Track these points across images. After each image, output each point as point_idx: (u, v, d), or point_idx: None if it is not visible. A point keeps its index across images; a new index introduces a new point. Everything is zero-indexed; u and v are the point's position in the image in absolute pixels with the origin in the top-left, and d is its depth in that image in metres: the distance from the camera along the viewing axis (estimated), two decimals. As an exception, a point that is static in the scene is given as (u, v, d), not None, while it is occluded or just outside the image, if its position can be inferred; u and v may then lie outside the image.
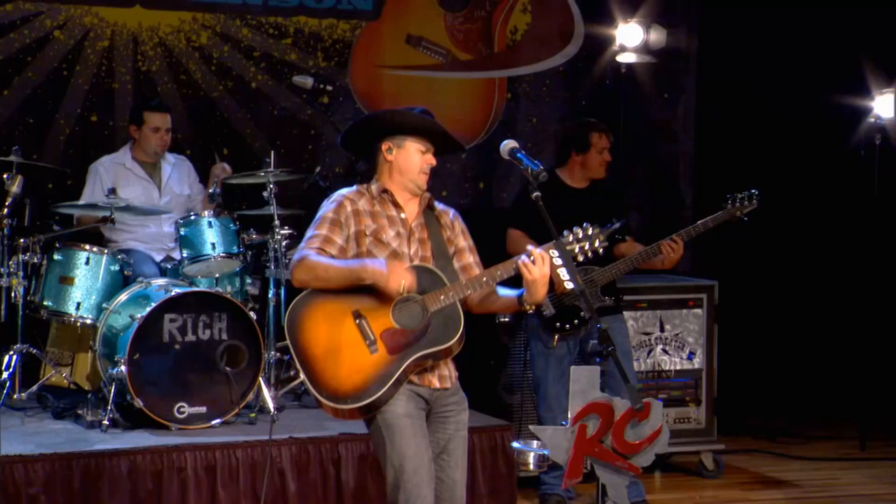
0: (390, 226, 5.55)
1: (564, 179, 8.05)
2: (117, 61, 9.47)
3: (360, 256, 5.49)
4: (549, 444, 4.74)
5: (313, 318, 5.43)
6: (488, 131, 10.30)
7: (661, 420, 4.77)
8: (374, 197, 5.60)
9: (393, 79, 10.09)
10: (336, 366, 5.38)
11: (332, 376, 5.37)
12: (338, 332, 5.40)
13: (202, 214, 8.06)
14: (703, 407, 8.95)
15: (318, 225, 5.54)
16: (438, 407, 5.55)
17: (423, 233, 5.63)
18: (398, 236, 5.55)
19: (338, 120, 9.87)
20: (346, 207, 5.55)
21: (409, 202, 5.65)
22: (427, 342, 5.39)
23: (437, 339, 5.39)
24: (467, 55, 10.25)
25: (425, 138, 5.62)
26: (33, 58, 9.28)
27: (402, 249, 5.54)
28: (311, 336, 5.42)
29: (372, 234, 5.51)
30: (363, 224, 5.53)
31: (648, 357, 8.81)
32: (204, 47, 9.65)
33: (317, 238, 5.49)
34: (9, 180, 7.75)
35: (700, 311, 8.94)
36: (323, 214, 5.57)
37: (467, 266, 5.67)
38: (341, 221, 5.52)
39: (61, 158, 9.24)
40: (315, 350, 5.41)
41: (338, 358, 5.38)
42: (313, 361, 5.40)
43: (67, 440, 7.25)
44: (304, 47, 9.86)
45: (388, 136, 5.62)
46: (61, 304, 7.88)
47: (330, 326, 5.41)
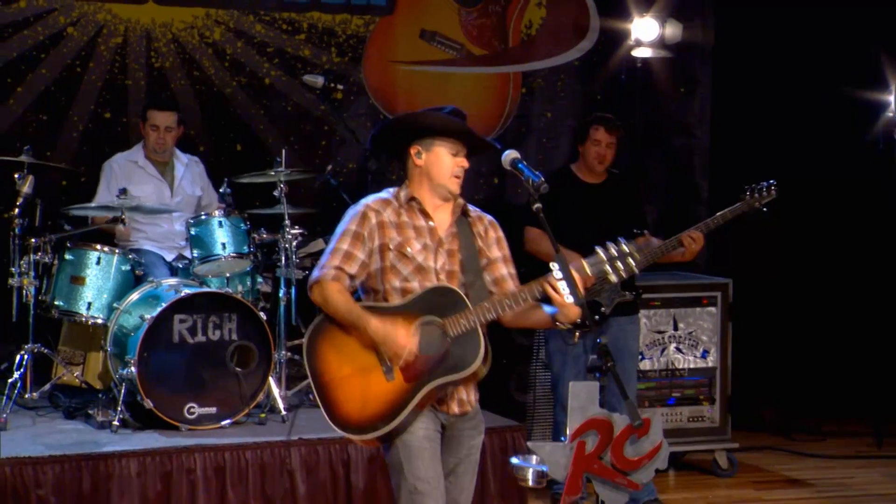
0: (417, 237, 5.31)
1: (577, 174, 8.01)
2: (131, 58, 9.46)
3: (383, 271, 5.28)
4: (548, 460, 4.71)
5: (330, 341, 5.28)
6: (503, 126, 10.26)
7: (661, 436, 4.74)
8: (401, 205, 5.35)
9: (407, 74, 10.06)
10: (351, 392, 5.22)
11: (347, 404, 5.22)
12: (355, 356, 5.23)
13: (213, 214, 8.04)
14: (716, 405, 8.91)
15: (341, 238, 5.32)
16: (454, 430, 5.39)
17: (453, 243, 5.38)
18: (424, 249, 5.31)
19: (351, 116, 9.88)
20: (370, 219, 5.30)
21: (439, 209, 5.40)
22: (445, 370, 5.18)
23: (456, 367, 5.18)
24: (482, 50, 10.21)
25: (455, 139, 5.38)
26: (47, 54, 9.28)
27: (427, 263, 5.30)
28: (327, 360, 5.27)
29: (396, 248, 5.28)
30: (387, 237, 5.29)
31: (662, 355, 8.77)
32: (217, 43, 9.63)
33: (337, 255, 5.28)
34: (20, 180, 7.74)
35: (714, 310, 8.90)
36: (346, 227, 5.33)
37: (500, 279, 5.43)
38: (364, 235, 5.28)
39: (75, 155, 9.25)
40: (330, 375, 5.25)
41: (353, 384, 5.22)
42: (328, 387, 5.25)
43: (77, 441, 7.26)
44: (317, 43, 9.83)
45: (415, 139, 5.37)
46: (72, 303, 7.88)
47: (347, 351, 5.24)
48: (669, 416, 8.77)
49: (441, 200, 5.38)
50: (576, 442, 4.52)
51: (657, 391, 8.77)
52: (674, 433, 8.76)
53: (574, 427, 4.45)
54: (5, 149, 8.88)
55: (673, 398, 8.79)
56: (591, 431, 4.47)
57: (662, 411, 8.76)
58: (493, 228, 5.52)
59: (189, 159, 8.76)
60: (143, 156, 8.59)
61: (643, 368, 8.67)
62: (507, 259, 5.50)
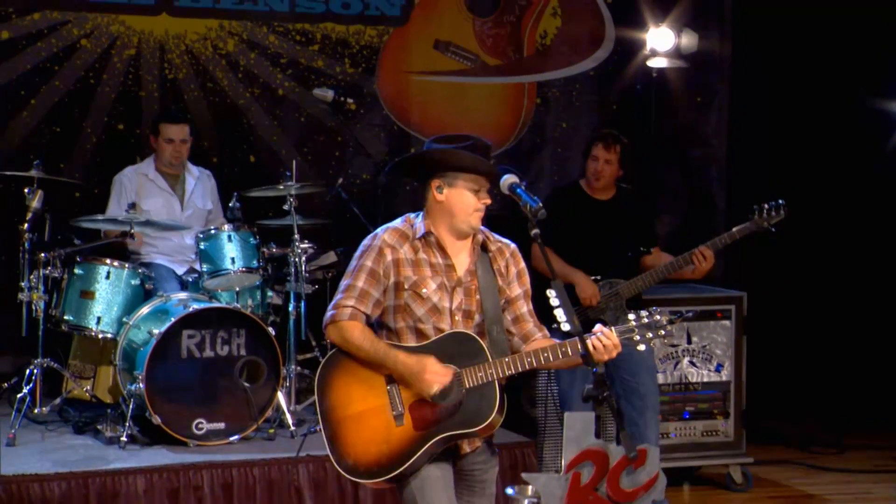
0: (433, 276, 5.16)
1: (586, 190, 7.96)
2: (144, 69, 9.46)
3: (396, 309, 5.15)
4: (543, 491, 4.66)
5: (343, 378, 5.16)
6: (517, 137, 10.22)
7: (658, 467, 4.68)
8: (417, 238, 5.19)
9: (421, 84, 10.03)
10: (357, 433, 5.10)
11: (354, 447, 5.11)
12: (366, 395, 5.11)
13: (222, 228, 8.02)
14: (731, 420, 8.83)
15: (356, 275, 5.17)
16: (467, 465, 5.26)
17: (471, 282, 5.21)
18: (440, 288, 5.15)
19: (365, 127, 9.86)
20: (385, 257, 5.15)
21: (457, 244, 5.24)
22: (456, 422, 5.04)
23: (468, 421, 5.04)
24: (496, 60, 10.17)
25: (479, 176, 5.21)
26: (60, 66, 9.29)
27: (442, 304, 5.15)
28: (337, 397, 5.15)
29: (411, 288, 5.13)
30: (402, 275, 5.14)
31: (675, 369, 8.70)
32: (231, 54, 9.62)
33: (352, 293, 5.13)
34: (29, 195, 7.73)
35: (728, 323, 8.82)
36: (361, 263, 5.17)
37: (520, 318, 5.28)
38: (379, 273, 5.14)
39: (88, 167, 9.26)
40: (339, 413, 5.13)
41: (360, 425, 5.10)
42: (336, 425, 5.13)
43: (85, 457, 7.25)
44: (331, 53, 9.81)
45: (438, 171, 5.19)
46: (82, 318, 7.87)
47: (359, 389, 5.12)
48: (683, 430, 8.71)
49: (460, 237, 5.24)
50: (571, 473, 4.46)
51: (671, 405, 8.69)
52: (688, 447, 8.70)
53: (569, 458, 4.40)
54: (19, 161, 8.92)
55: (687, 412, 8.72)
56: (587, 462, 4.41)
57: (676, 425, 8.70)
58: (514, 262, 5.36)
59: (201, 172, 8.73)
60: (154, 169, 8.57)
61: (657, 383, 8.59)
62: (527, 295, 5.36)
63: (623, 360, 7.75)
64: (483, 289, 5.19)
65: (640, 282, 7.71)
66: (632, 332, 5.08)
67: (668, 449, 8.63)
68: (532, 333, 5.29)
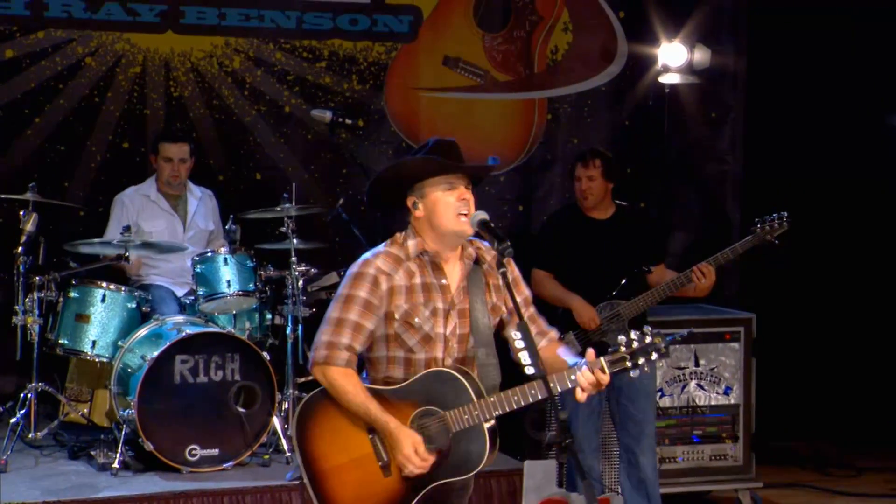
0: (426, 301, 4.91)
1: (585, 211, 7.82)
2: (149, 87, 9.39)
3: (387, 338, 4.92)
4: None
5: (323, 426, 4.92)
6: (528, 153, 10.09)
7: (620, 516, 4.52)
8: (411, 260, 4.94)
9: (430, 101, 9.91)
10: (343, 487, 4.88)
11: (340, 499, 4.89)
12: (349, 446, 4.88)
13: (218, 251, 7.94)
14: (740, 443, 8.68)
15: (347, 306, 4.89)
16: (443, 491, 5.01)
17: (464, 301, 4.97)
18: (433, 315, 4.91)
19: (373, 144, 9.76)
20: (380, 286, 4.89)
21: (451, 259, 5.00)
22: (447, 470, 4.84)
23: (459, 468, 4.84)
24: (506, 76, 10.04)
25: (449, 173, 4.93)
26: (65, 85, 9.22)
27: (435, 331, 4.91)
28: (318, 447, 4.92)
29: (402, 318, 4.89)
30: (394, 304, 4.90)
31: (682, 392, 8.56)
32: (237, 72, 9.54)
33: (345, 328, 4.87)
34: (24, 217, 7.68)
35: (737, 345, 8.67)
36: (354, 293, 4.89)
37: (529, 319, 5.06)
38: (375, 305, 4.88)
39: (92, 186, 9.19)
40: (322, 464, 4.90)
41: (346, 478, 4.88)
42: (320, 478, 4.90)
43: (75, 485, 7.18)
44: (338, 70, 9.71)
45: (408, 189, 4.96)
46: (77, 342, 7.81)
47: (341, 438, 4.89)
48: (691, 454, 8.57)
49: (452, 249, 5.00)
50: (530, 522, 4.33)
51: (678, 429, 8.56)
52: (696, 472, 8.58)
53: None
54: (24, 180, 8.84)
55: (695, 436, 8.57)
56: (547, 513, 4.29)
57: (684, 449, 8.56)
58: (510, 270, 5.05)
59: (203, 193, 8.66)
60: (156, 189, 8.51)
61: (663, 405, 8.47)
62: (526, 302, 5.12)
63: (623, 385, 7.70)
64: (473, 308, 4.96)
65: (641, 302, 7.56)
66: (623, 360, 4.85)
67: (676, 473, 8.52)
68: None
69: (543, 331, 5.16)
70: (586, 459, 7.77)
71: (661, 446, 8.47)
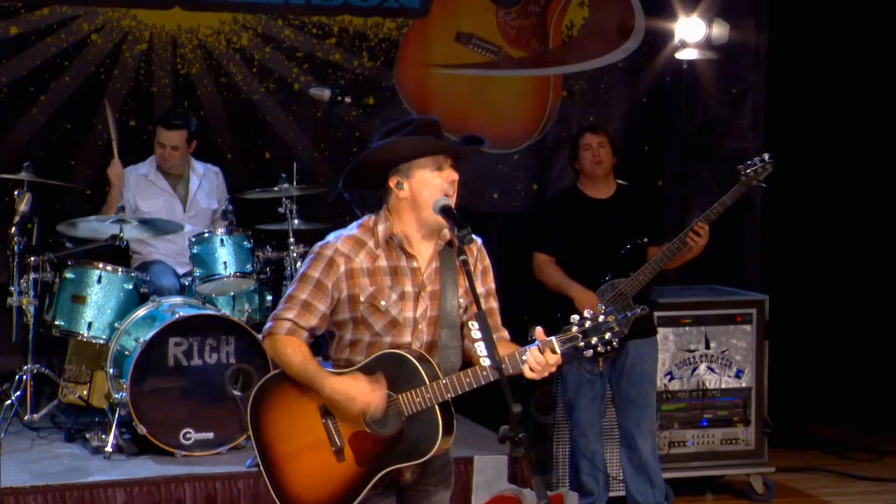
0: (394, 284, 4.76)
1: (584, 191, 7.67)
2: (156, 64, 9.28)
3: (354, 322, 4.77)
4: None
5: (277, 410, 4.83)
6: (542, 131, 9.91)
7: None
8: (378, 244, 4.79)
9: (442, 78, 9.75)
10: (298, 474, 4.78)
11: (295, 486, 4.79)
12: (302, 430, 4.78)
13: (215, 232, 7.83)
14: (752, 427, 8.50)
15: (300, 286, 4.79)
16: (416, 486, 4.90)
17: (435, 282, 4.82)
18: (402, 298, 4.76)
19: (383, 122, 9.59)
20: (337, 267, 4.75)
21: (422, 242, 4.83)
22: (400, 454, 4.71)
23: (411, 453, 4.70)
24: (520, 52, 9.85)
25: (437, 153, 4.77)
26: (70, 62, 9.11)
27: (403, 315, 4.77)
28: (273, 433, 4.82)
29: (367, 300, 4.74)
30: (358, 287, 4.75)
31: (692, 376, 8.39)
32: (245, 49, 9.41)
33: (293, 306, 4.78)
34: (18, 197, 7.60)
35: (749, 328, 8.48)
36: (308, 272, 4.79)
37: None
38: (328, 286, 4.75)
39: (99, 164, 9.07)
40: (276, 450, 4.81)
41: (301, 464, 4.78)
42: (275, 464, 4.81)
43: (66, 469, 7.10)
44: (348, 47, 9.56)
45: (391, 168, 4.79)
46: (73, 323, 7.72)
47: (294, 422, 4.79)
48: (701, 438, 8.41)
49: (431, 233, 4.83)
50: (482, 519, 4.18)
51: (688, 412, 8.39)
52: (706, 456, 8.42)
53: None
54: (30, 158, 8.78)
55: (705, 419, 8.40)
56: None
57: (693, 433, 8.39)
58: (480, 259, 4.94)
59: (206, 170, 8.54)
60: (155, 168, 8.41)
61: (672, 389, 8.32)
62: (489, 293, 4.96)
63: (624, 369, 7.59)
64: (443, 288, 4.82)
65: (641, 276, 7.41)
66: (575, 340, 4.67)
67: (685, 458, 8.39)
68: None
69: (497, 327, 4.98)
70: (590, 444, 7.65)
71: (670, 430, 8.33)
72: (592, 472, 7.67)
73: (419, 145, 4.75)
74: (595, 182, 7.66)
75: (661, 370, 8.22)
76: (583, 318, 4.67)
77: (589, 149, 7.62)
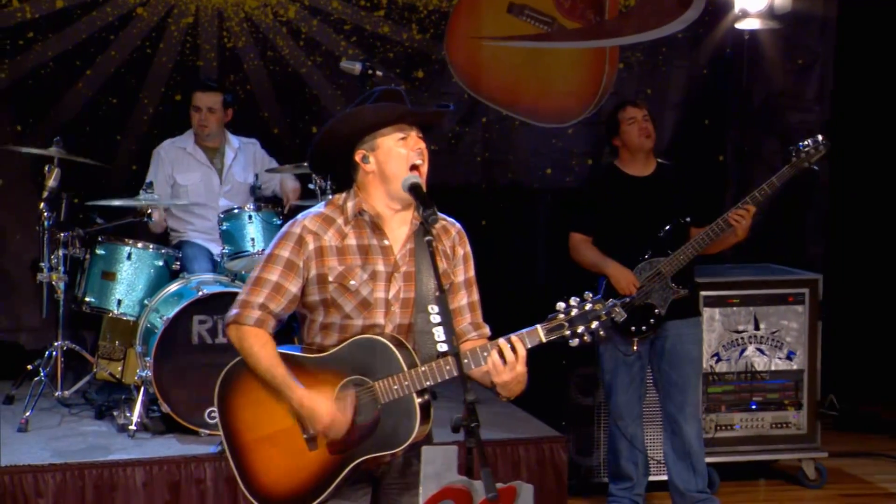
0: (364, 263, 4.54)
1: (623, 169, 7.42)
2: (202, 38, 9.18)
3: (324, 304, 4.54)
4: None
5: (247, 395, 4.60)
6: (598, 104, 9.64)
7: (531, 503, 4.13)
8: (347, 222, 4.58)
9: (493, 50, 9.53)
10: (268, 462, 4.57)
11: (265, 475, 4.59)
12: (273, 417, 4.55)
13: (244, 208, 7.72)
14: (803, 411, 8.21)
15: (268, 265, 4.56)
16: (398, 478, 4.67)
17: (409, 263, 4.58)
18: (373, 278, 4.54)
19: (433, 96, 9.44)
20: (307, 245, 4.53)
21: (395, 220, 4.60)
22: (374, 444, 4.48)
23: (386, 442, 4.48)
24: (575, 23, 9.60)
25: (401, 122, 4.55)
26: (116, 36, 9.05)
27: (374, 296, 4.54)
28: (241, 418, 4.61)
29: (336, 280, 4.52)
30: (327, 266, 4.53)
31: (740, 357, 8.12)
32: (292, 21, 9.27)
33: (263, 287, 4.54)
34: (47, 173, 7.54)
35: (801, 308, 8.18)
36: (276, 252, 4.56)
37: (456, 311, 4.66)
38: (298, 265, 4.53)
39: (144, 138, 9.02)
40: (245, 437, 4.59)
41: (270, 451, 4.56)
42: (243, 451, 4.60)
43: (88, 447, 7.04)
44: (397, 19, 9.38)
45: (357, 142, 4.57)
46: (103, 300, 7.65)
47: (264, 409, 4.56)
48: (750, 421, 8.14)
49: (403, 207, 4.59)
50: (432, 513, 3.98)
51: (736, 395, 8.13)
52: (755, 440, 8.16)
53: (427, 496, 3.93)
54: (75, 132, 8.78)
55: (754, 402, 8.13)
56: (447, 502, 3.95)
57: (742, 416, 8.13)
58: (461, 244, 4.71)
59: (241, 143, 8.42)
60: (193, 141, 8.31)
61: (719, 370, 8.06)
62: (469, 283, 4.73)
63: (664, 351, 7.34)
64: (419, 270, 4.58)
65: (681, 255, 7.16)
66: (561, 329, 4.42)
67: (733, 441, 8.15)
68: (464, 333, 4.69)
69: (479, 323, 4.77)
70: (628, 427, 7.43)
71: (717, 413, 8.09)
72: (631, 456, 7.44)
73: (378, 112, 4.55)
74: (636, 159, 7.40)
75: (707, 351, 7.98)
76: (569, 305, 4.44)
77: (634, 122, 7.36)
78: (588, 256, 7.30)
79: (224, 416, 4.69)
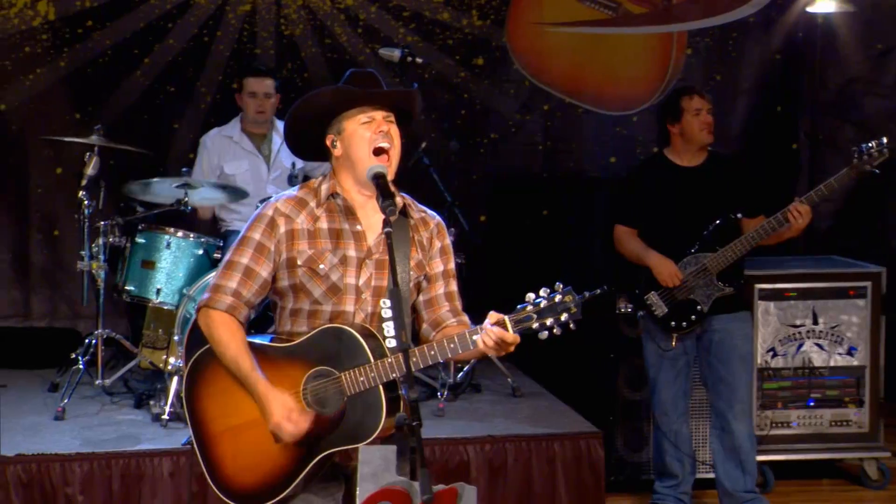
0: (335, 248, 4.46)
1: (672, 159, 7.16)
2: (259, 26, 9.15)
3: (294, 289, 4.48)
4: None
5: (214, 384, 4.52)
6: (664, 91, 9.39)
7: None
8: (320, 204, 4.51)
9: (556, 36, 9.36)
10: (234, 454, 4.48)
11: (230, 467, 4.50)
12: (239, 408, 4.45)
13: (278, 195, 7.62)
14: (865, 409, 7.90)
15: (240, 249, 4.50)
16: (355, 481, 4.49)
17: (383, 252, 4.47)
18: (343, 263, 4.46)
19: (493, 83, 9.29)
20: (278, 227, 4.48)
21: (369, 206, 4.50)
22: (340, 436, 4.35)
23: (352, 435, 4.33)
24: (641, 8, 9.38)
25: (365, 105, 4.47)
26: (174, 24, 9.06)
27: (344, 282, 4.46)
28: (208, 408, 4.52)
29: (305, 264, 4.46)
30: (296, 249, 4.47)
31: (797, 353, 7.84)
32: (350, 9, 9.19)
33: (234, 272, 4.48)
34: (87, 160, 7.51)
35: (863, 302, 7.87)
36: (248, 234, 4.50)
37: (433, 300, 4.59)
38: (270, 249, 4.48)
39: (202, 127, 8.99)
40: (210, 428, 4.51)
41: (236, 443, 4.47)
42: (209, 443, 4.52)
43: (120, 436, 7.00)
44: (457, 6, 9.26)
45: (327, 126, 4.52)
46: (143, 288, 7.61)
47: (231, 399, 4.46)
48: (808, 419, 7.85)
49: (372, 192, 4.46)
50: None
51: (793, 391, 7.84)
52: (813, 438, 7.86)
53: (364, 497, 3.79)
54: (133, 120, 8.79)
55: (812, 399, 7.85)
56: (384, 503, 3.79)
57: (799, 413, 7.85)
58: (439, 236, 4.64)
59: (287, 127, 8.33)
60: (240, 130, 8.25)
61: (775, 366, 7.79)
62: (448, 274, 4.63)
63: (711, 346, 7.10)
64: (395, 259, 4.37)
65: (729, 252, 6.90)
66: (529, 321, 4.25)
67: (790, 439, 7.86)
68: (443, 320, 4.58)
69: (458, 310, 4.64)
70: (672, 424, 7.21)
71: (773, 410, 7.81)
72: (676, 453, 7.22)
73: (337, 94, 4.50)
74: (689, 149, 7.14)
75: (762, 346, 7.72)
76: (538, 296, 4.26)
77: (699, 114, 7.09)
78: (631, 248, 7.08)
79: (191, 406, 4.59)
